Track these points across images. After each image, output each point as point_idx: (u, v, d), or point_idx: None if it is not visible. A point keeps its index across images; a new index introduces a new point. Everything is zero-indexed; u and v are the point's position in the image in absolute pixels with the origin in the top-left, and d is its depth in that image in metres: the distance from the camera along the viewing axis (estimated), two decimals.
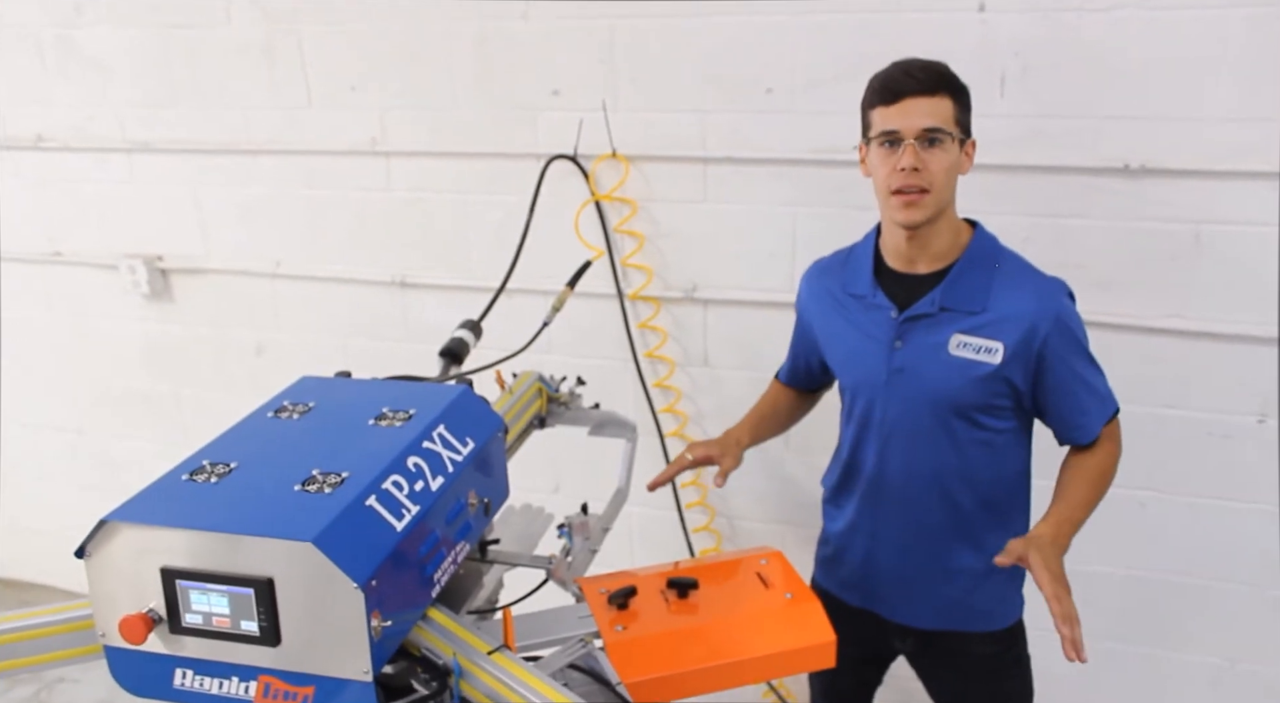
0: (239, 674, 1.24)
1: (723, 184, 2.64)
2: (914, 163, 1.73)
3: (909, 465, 1.90)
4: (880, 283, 1.90)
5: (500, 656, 1.30)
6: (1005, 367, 1.80)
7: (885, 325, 1.87)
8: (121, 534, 1.22)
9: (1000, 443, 1.88)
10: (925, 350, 1.84)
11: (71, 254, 3.40)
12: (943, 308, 1.83)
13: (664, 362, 2.80)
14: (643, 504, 2.89)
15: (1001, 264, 1.85)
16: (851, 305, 1.94)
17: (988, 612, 1.98)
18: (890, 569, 1.99)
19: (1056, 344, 1.79)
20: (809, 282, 2.07)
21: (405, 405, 1.49)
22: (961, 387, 1.82)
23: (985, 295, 1.81)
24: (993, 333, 1.80)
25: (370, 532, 1.23)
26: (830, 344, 2.01)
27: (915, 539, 1.94)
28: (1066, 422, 1.86)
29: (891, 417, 1.89)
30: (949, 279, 1.83)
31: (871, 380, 1.90)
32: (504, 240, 2.75)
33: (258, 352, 3.27)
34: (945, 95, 1.76)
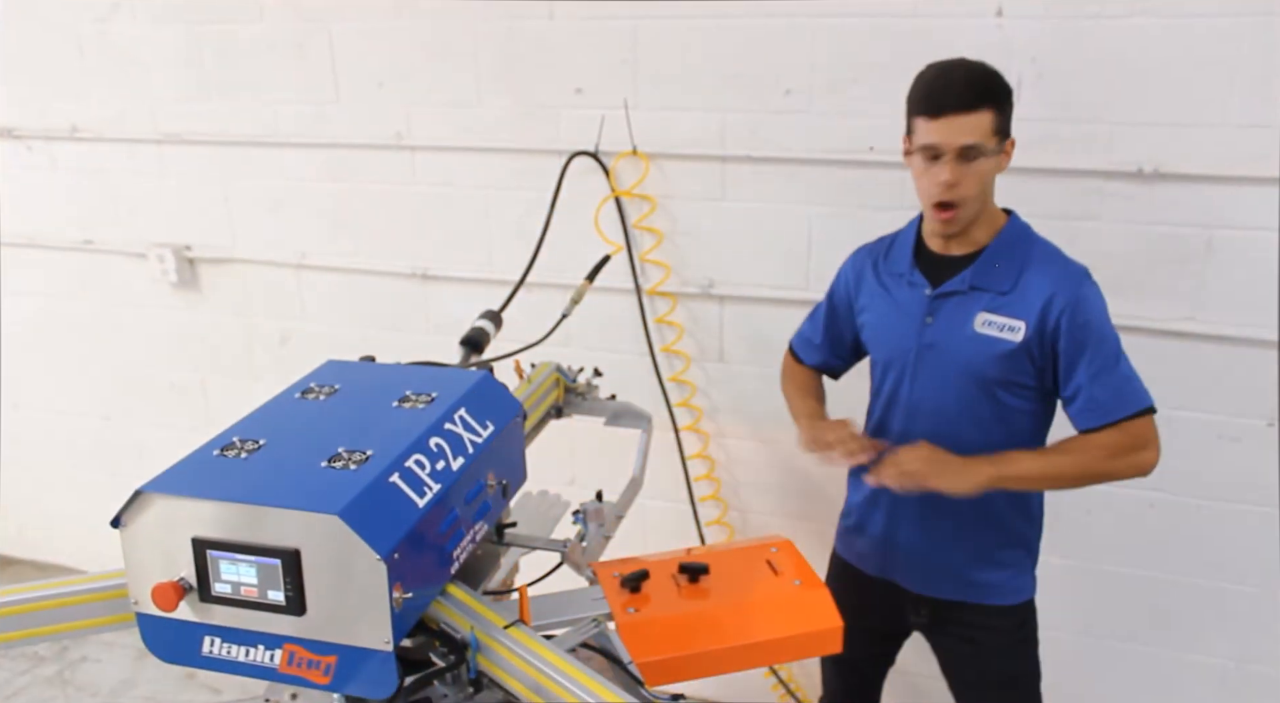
0: (265, 643, 1.29)
1: (741, 183, 2.68)
2: (952, 178, 1.84)
3: (932, 439, 1.95)
4: (918, 263, 2.00)
5: (516, 630, 1.34)
6: (1026, 345, 1.88)
7: (919, 302, 1.98)
8: (155, 505, 1.27)
9: (1020, 421, 1.96)
10: (953, 327, 1.93)
11: (102, 243, 3.47)
12: (972, 287, 1.92)
13: (680, 356, 2.85)
14: (657, 497, 2.94)
15: (1032, 249, 1.93)
16: (892, 283, 2.04)
17: (1001, 586, 2.04)
18: (909, 540, 2.06)
19: (1069, 326, 1.85)
20: (854, 261, 2.16)
21: (428, 389, 1.54)
22: (985, 363, 1.91)
23: (1014, 277, 1.90)
24: (1016, 312, 1.88)
25: (393, 507, 1.28)
26: (868, 320, 2.09)
27: (934, 511, 2.00)
28: (1078, 404, 1.89)
29: (919, 391, 1.99)
30: (981, 260, 1.93)
31: (903, 355, 2.00)
32: (525, 235, 2.80)
33: (282, 341, 3.33)
34: (987, 108, 1.82)
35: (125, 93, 3.25)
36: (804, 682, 3.07)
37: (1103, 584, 2.65)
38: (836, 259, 2.64)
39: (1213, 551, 2.54)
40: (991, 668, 2.09)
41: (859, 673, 2.32)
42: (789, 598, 1.66)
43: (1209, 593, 2.58)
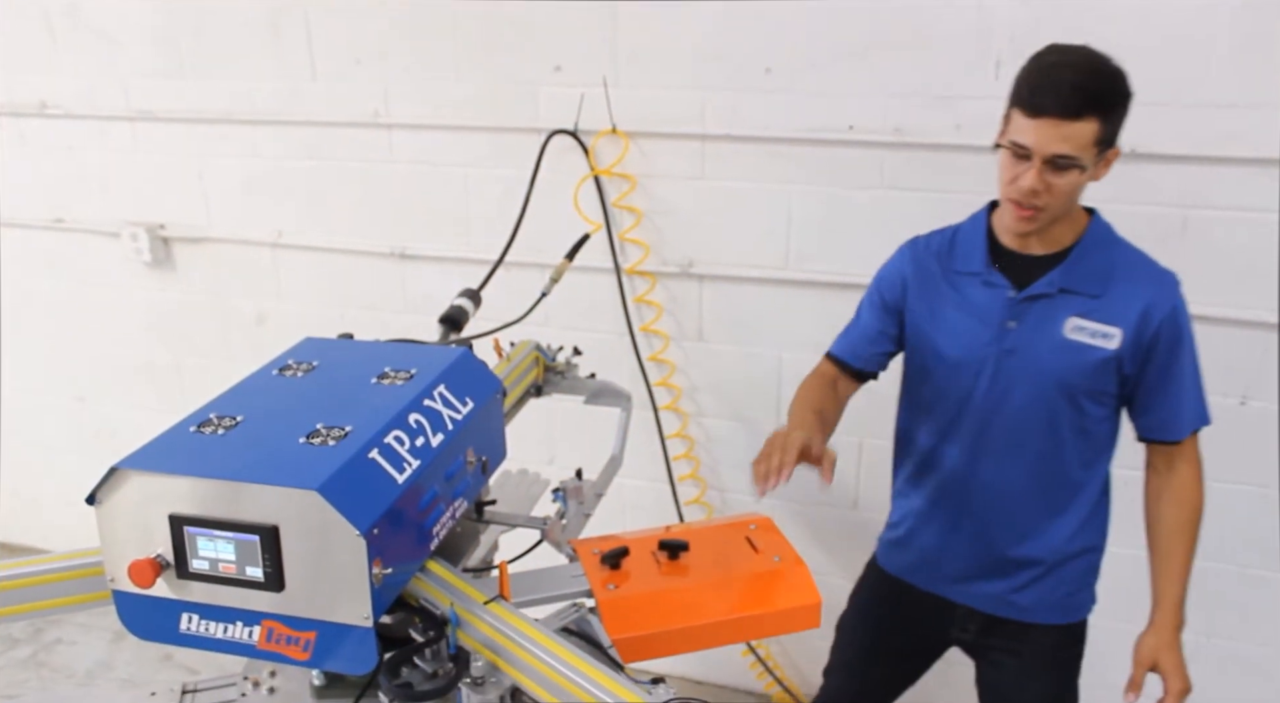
0: (243, 619, 1.29)
1: (721, 161, 2.68)
2: (1036, 186, 1.71)
3: (1006, 448, 1.88)
4: (995, 262, 1.87)
5: (496, 605, 1.34)
6: (1120, 353, 1.79)
7: (999, 304, 1.85)
8: (131, 481, 1.26)
9: (1098, 431, 1.89)
10: (1040, 332, 1.82)
11: (74, 221, 3.43)
12: (1061, 290, 1.81)
13: (659, 336, 2.85)
14: (635, 476, 2.94)
15: (1118, 252, 1.84)
16: (962, 283, 1.90)
17: (1057, 605, 1.99)
18: (967, 550, 1.98)
19: (1167, 336, 1.79)
20: (911, 256, 1.98)
21: (407, 365, 1.53)
22: (1074, 370, 1.81)
23: (1104, 280, 1.81)
24: (1110, 318, 1.79)
25: (372, 483, 1.27)
26: (929, 322, 1.93)
27: (1000, 522, 1.94)
28: (1157, 417, 1.85)
29: (996, 397, 1.87)
30: (1069, 261, 1.82)
31: (978, 359, 1.87)
32: (504, 213, 2.79)
33: (258, 321, 3.31)
34: (1091, 117, 1.66)
35: (96, 69, 3.20)
36: (783, 663, 3.10)
37: None
38: (817, 238, 2.66)
39: None
40: (1031, 686, 2.03)
41: (882, 688, 2.22)
42: (769, 574, 1.66)
43: None
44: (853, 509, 2.82)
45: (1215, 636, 2.65)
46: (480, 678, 1.29)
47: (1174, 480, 1.90)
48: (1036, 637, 1.99)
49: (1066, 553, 1.95)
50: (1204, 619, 2.64)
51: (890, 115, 2.50)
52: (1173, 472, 1.90)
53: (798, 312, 2.70)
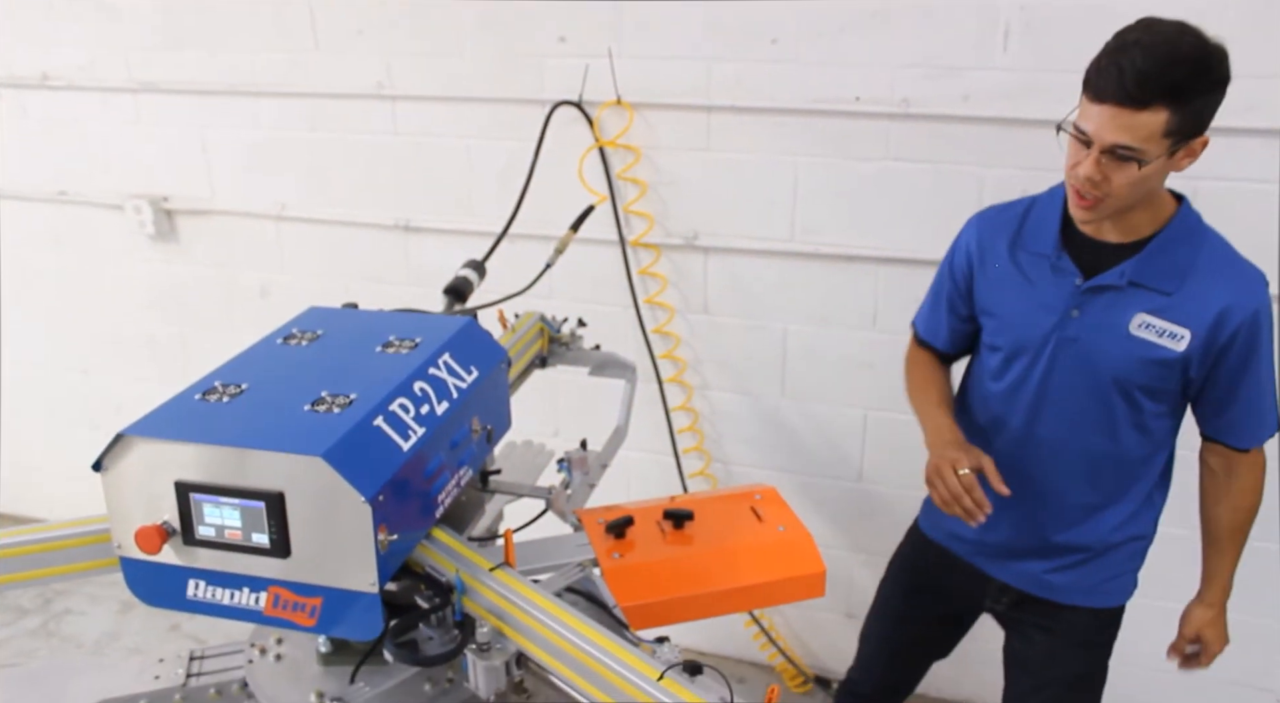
0: (250, 585, 1.29)
1: (726, 132, 2.66)
2: (1093, 175, 1.61)
3: (1057, 436, 1.83)
4: (1067, 245, 1.77)
5: (502, 572, 1.35)
6: (1188, 355, 1.70)
7: (1065, 292, 1.76)
8: (137, 448, 1.26)
9: (1155, 426, 1.81)
10: (1104, 325, 1.73)
11: (77, 194, 3.42)
12: (1132, 283, 1.71)
13: (664, 308, 2.84)
14: (640, 449, 2.95)
15: (1203, 246, 1.71)
16: (1029, 264, 1.81)
17: (1094, 589, 1.95)
18: (1010, 531, 1.93)
19: (1244, 341, 1.69)
20: (979, 230, 1.89)
21: (411, 334, 1.53)
22: (1135, 368, 1.73)
23: (1181, 276, 1.69)
24: (1181, 318, 1.69)
25: (378, 450, 1.27)
26: (994, 299, 1.86)
27: (1047, 508, 1.90)
28: (1225, 421, 1.79)
29: (1051, 386, 1.80)
30: (1144, 254, 1.71)
31: (1036, 345, 1.80)
32: (508, 185, 2.77)
33: (262, 294, 3.30)
34: (1160, 107, 1.53)
35: (97, 39, 3.19)
36: (786, 635, 3.11)
37: None
38: (823, 210, 2.65)
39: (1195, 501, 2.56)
40: (1062, 661, 1.99)
41: (913, 650, 2.22)
42: (773, 544, 1.66)
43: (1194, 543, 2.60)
44: (857, 482, 2.83)
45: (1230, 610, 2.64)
46: (486, 644, 1.29)
47: (1234, 485, 1.85)
48: (1070, 617, 1.95)
49: (1111, 542, 1.91)
50: None
51: (897, 86, 2.48)
52: (1233, 476, 1.85)
53: (803, 284, 2.70)
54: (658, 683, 1.14)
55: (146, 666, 1.54)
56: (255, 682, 1.48)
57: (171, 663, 1.54)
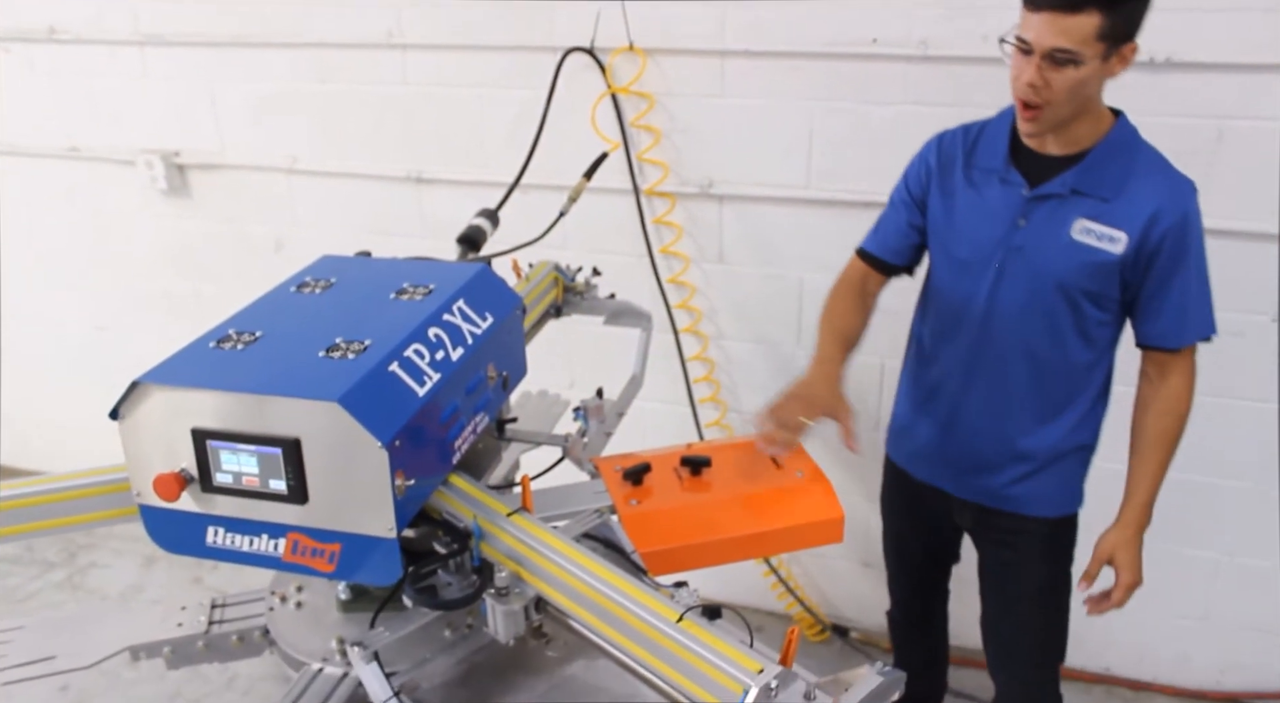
0: (268, 532, 1.30)
1: (740, 78, 2.61)
2: (1036, 80, 1.70)
3: (1007, 344, 1.91)
4: (1014, 160, 1.87)
5: (520, 517, 1.35)
6: (1125, 258, 1.79)
7: (1013, 202, 1.86)
8: (153, 396, 1.26)
9: (1098, 335, 1.90)
10: (1048, 232, 1.83)
11: (88, 150, 3.40)
12: (1073, 191, 1.81)
13: (679, 258, 2.82)
14: (655, 400, 2.94)
15: (1138, 155, 1.82)
16: (980, 179, 1.91)
17: (1046, 498, 2.02)
18: (961, 445, 2.04)
19: (1173, 243, 1.78)
20: (936, 150, 1.99)
21: (425, 281, 1.52)
22: (1077, 272, 1.82)
23: (1118, 183, 1.79)
24: (1117, 222, 1.79)
25: (393, 395, 1.27)
26: (945, 216, 1.96)
27: (992, 416, 1.98)
28: (1157, 325, 1.85)
29: (1001, 294, 1.89)
30: (1084, 164, 1.81)
31: (987, 254, 1.89)
32: (520, 135, 2.74)
33: (276, 248, 3.29)
34: (1092, 10, 1.64)
35: None
36: (804, 583, 3.12)
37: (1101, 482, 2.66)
38: (839, 156, 2.61)
39: (1210, 447, 2.54)
40: (1024, 575, 2.08)
41: (922, 566, 2.34)
42: (791, 489, 1.66)
43: (1204, 489, 2.60)
44: (874, 430, 2.80)
45: (1237, 554, 2.65)
46: (504, 589, 1.29)
47: (1165, 390, 1.90)
48: (1029, 528, 2.04)
49: (1059, 451, 1.98)
50: (1225, 539, 2.64)
51: (915, 27, 2.43)
52: (1164, 381, 1.90)
53: (819, 232, 2.66)
54: (677, 625, 1.14)
55: (170, 613, 1.56)
56: (276, 629, 1.49)
57: (194, 611, 1.56)
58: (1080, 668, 2.88)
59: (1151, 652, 2.82)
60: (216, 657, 1.52)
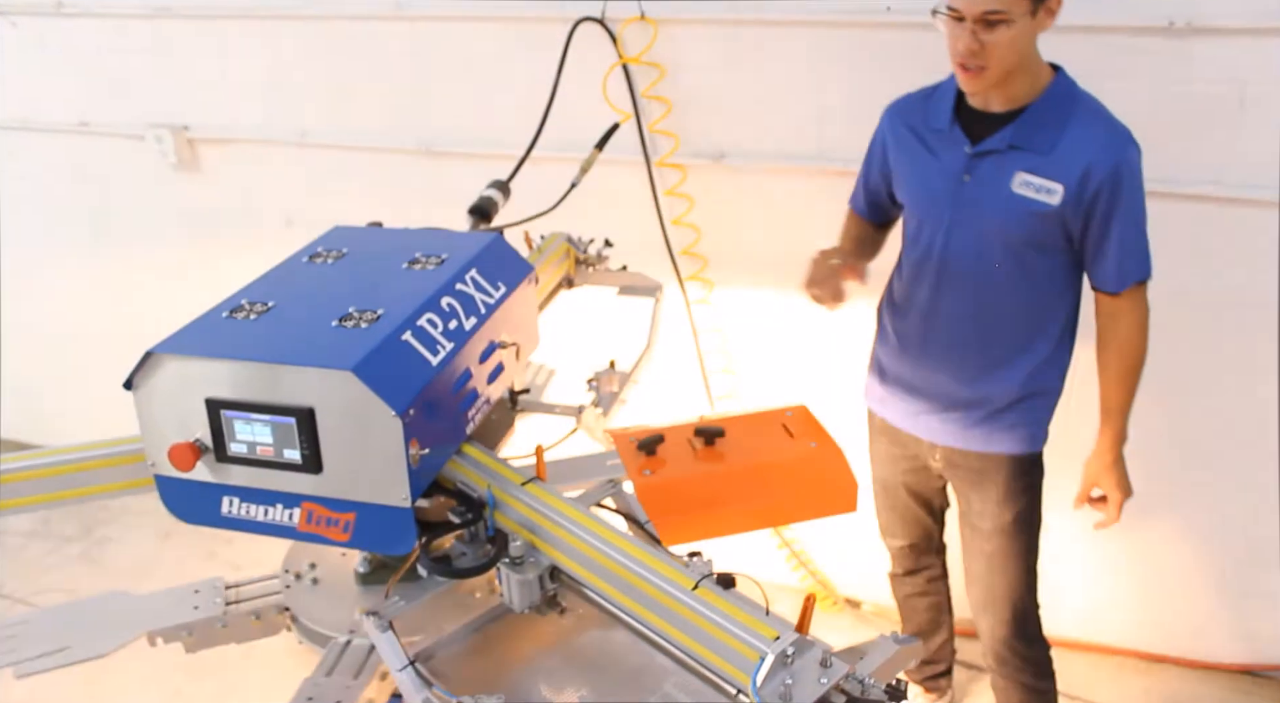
0: (283, 502, 1.30)
1: (752, 47, 2.59)
2: (972, 44, 1.78)
3: (960, 294, 2.00)
4: (959, 119, 1.96)
5: (534, 487, 1.34)
6: (1062, 208, 1.86)
7: (958, 159, 1.95)
8: (166, 366, 1.26)
9: (1048, 283, 1.97)
10: (990, 186, 1.91)
11: (98, 125, 3.39)
12: (1011, 146, 1.89)
13: (691, 229, 2.80)
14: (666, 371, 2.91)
15: (1076, 108, 1.88)
16: (931, 140, 2.00)
17: (1006, 439, 2.08)
18: (924, 390, 2.12)
19: (1108, 191, 1.84)
20: (891, 115, 2.11)
21: (438, 251, 1.51)
22: (1019, 223, 1.90)
23: (1055, 137, 1.86)
24: (1054, 174, 1.86)
25: (407, 364, 1.26)
26: (904, 175, 2.06)
27: (951, 362, 2.06)
28: (1098, 269, 1.94)
29: (952, 248, 1.98)
30: (1021, 119, 1.88)
31: (937, 210, 1.98)
32: (531, 106, 2.71)
33: (287, 223, 3.28)
34: None
35: None
36: (816, 557, 3.12)
37: None
38: (850, 126, 2.57)
39: (1222, 425, 2.53)
40: (992, 513, 2.14)
41: (911, 509, 2.38)
42: (805, 459, 1.65)
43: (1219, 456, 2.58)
44: None
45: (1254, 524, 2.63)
46: (519, 558, 1.29)
47: (1118, 332, 1.98)
48: (994, 467, 2.11)
49: (1020, 394, 2.05)
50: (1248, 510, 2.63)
51: None
52: (1116, 323, 1.97)
53: (832, 202, 2.63)
54: (693, 593, 1.14)
55: (184, 596, 1.52)
56: (296, 605, 1.49)
57: (208, 592, 1.53)
58: (1092, 641, 2.88)
59: (1164, 624, 2.82)
60: (235, 637, 1.51)
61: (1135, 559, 2.77)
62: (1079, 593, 2.80)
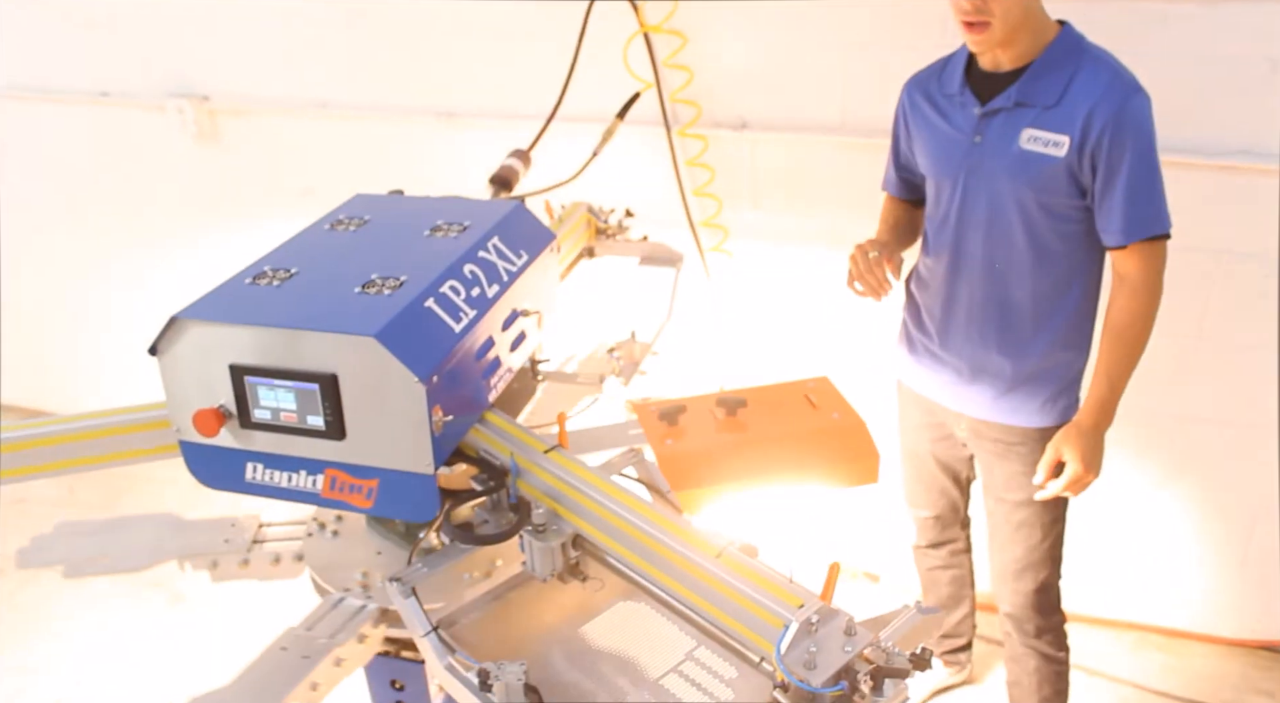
0: (307, 468, 1.30)
1: (774, 15, 2.55)
2: (974, 3, 1.77)
3: (978, 258, 1.98)
4: (969, 82, 1.95)
5: (556, 454, 1.34)
6: (1069, 160, 1.83)
7: (969, 121, 1.94)
8: (191, 331, 1.26)
9: (1064, 243, 1.93)
10: (1000, 145, 1.90)
11: (119, 95, 3.39)
12: (1018, 103, 1.87)
13: (712, 200, 2.78)
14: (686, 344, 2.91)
15: (1082, 59, 1.85)
16: (945, 106, 2.00)
17: (1033, 410, 2.06)
18: (949, 360, 2.11)
19: (1112, 137, 1.80)
20: (908, 89, 2.10)
21: (460, 219, 1.50)
22: (1030, 180, 1.87)
23: (1061, 90, 1.84)
24: (1060, 126, 1.83)
25: (430, 331, 1.26)
26: (922, 145, 2.06)
27: (973, 332, 2.04)
28: (1106, 223, 1.87)
29: (966, 210, 1.97)
30: (1027, 75, 1.87)
31: (952, 173, 1.97)
32: (551, 75, 2.70)
33: (306, 193, 3.28)
34: None
35: None
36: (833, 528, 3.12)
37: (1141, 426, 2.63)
38: (874, 95, 2.55)
39: (1251, 394, 2.50)
40: (1020, 484, 2.12)
41: (938, 478, 2.36)
42: (827, 431, 1.65)
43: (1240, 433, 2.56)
44: None
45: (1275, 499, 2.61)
46: (542, 526, 1.29)
47: (1124, 288, 1.91)
48: (1021, 439, 2.08)
49: (1042, 365, 2.02)
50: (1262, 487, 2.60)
51: None
52: (1123, 280, 1.91)
53: (854, 172, 2.61)
54: (716, 560, 1.14)
55: (219, 527, 1.62)
56: (310, 554, 1.51)
57: (242, 528, 1.61)
58: (1113, 615, 2.87)
59: (1185, 600, 2.81)
60: (255, 574, 1.56)
61: (1156, 534, 2.75)
62: (1099, 567, 2.79)
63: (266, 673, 1.26)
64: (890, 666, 1.02)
